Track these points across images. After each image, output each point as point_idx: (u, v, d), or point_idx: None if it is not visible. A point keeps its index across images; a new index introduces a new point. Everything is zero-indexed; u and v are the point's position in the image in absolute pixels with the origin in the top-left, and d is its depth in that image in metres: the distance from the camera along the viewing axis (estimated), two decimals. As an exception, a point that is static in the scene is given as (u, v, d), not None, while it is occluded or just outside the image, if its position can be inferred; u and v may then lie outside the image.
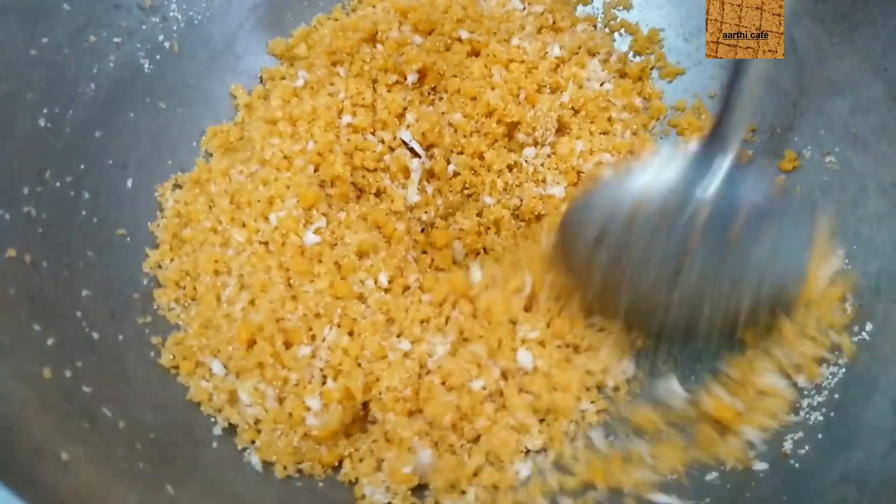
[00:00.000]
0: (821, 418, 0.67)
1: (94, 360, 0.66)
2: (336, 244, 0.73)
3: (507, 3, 0.89)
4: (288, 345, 0.68)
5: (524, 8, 0.90)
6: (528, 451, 0.70)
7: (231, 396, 0.69)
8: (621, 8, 0.92)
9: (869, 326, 0.70)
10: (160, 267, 0.76)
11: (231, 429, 0.69)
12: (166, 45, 0.84)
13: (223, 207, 0.76)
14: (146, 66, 0.82)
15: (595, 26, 0.92)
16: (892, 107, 0.75)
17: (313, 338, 0.69)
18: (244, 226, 0.74)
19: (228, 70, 0.88)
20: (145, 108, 0.82)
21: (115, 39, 0.80)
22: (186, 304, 0.74)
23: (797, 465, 0.65)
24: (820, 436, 0.66)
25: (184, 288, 0.74)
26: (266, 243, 0.73)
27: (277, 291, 0.69)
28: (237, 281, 0.71)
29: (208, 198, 0.78)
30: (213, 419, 0.69)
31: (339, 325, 0.69)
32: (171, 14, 0.84)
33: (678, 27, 0.91)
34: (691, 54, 0.90)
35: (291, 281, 0.71)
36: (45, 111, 0.73)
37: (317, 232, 0.73)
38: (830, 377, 0.69)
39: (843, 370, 0.69)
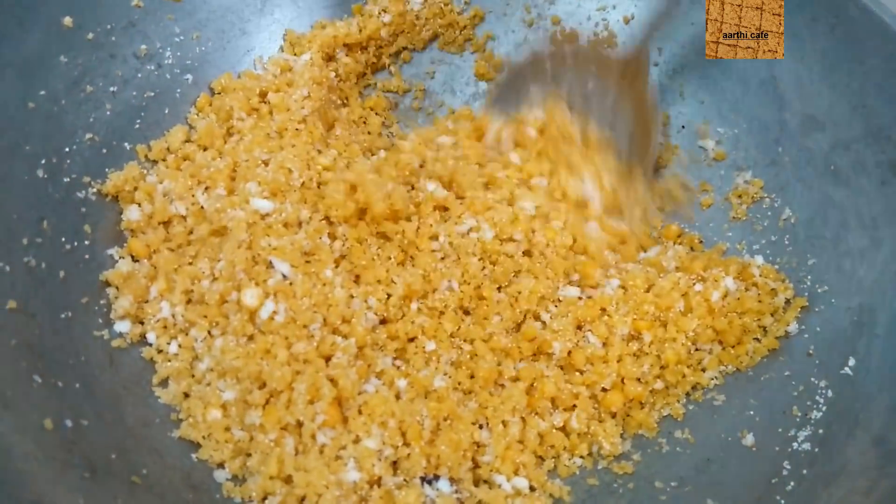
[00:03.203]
0: (805, 454, 0.69)
1: (94, 408, 0.68)
2: None
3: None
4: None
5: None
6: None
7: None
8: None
9: (852, 361, 0.71)
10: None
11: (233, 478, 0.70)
12: (161, 91, 0.86)
13: None
14: (142, 113, 0.84)
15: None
16: (870, 143, 0.77)
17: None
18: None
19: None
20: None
21: (111, 88, 0.82)
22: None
23: (782, 501, 0.66)
24: (805, 471, 0.67)
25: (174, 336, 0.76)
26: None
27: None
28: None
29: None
30: (209, 463, 0.70)
31: None
32: (166, 62, 0.86)
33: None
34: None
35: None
36: (42, 162, 0.75)
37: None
38: (816, 412, 0.71)
39: (827, 406, 0.70)
